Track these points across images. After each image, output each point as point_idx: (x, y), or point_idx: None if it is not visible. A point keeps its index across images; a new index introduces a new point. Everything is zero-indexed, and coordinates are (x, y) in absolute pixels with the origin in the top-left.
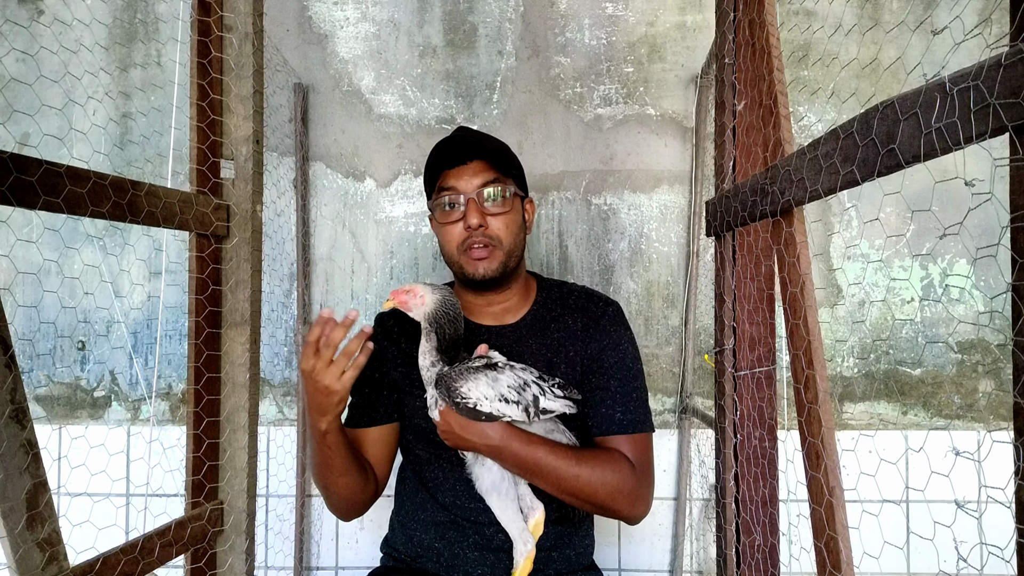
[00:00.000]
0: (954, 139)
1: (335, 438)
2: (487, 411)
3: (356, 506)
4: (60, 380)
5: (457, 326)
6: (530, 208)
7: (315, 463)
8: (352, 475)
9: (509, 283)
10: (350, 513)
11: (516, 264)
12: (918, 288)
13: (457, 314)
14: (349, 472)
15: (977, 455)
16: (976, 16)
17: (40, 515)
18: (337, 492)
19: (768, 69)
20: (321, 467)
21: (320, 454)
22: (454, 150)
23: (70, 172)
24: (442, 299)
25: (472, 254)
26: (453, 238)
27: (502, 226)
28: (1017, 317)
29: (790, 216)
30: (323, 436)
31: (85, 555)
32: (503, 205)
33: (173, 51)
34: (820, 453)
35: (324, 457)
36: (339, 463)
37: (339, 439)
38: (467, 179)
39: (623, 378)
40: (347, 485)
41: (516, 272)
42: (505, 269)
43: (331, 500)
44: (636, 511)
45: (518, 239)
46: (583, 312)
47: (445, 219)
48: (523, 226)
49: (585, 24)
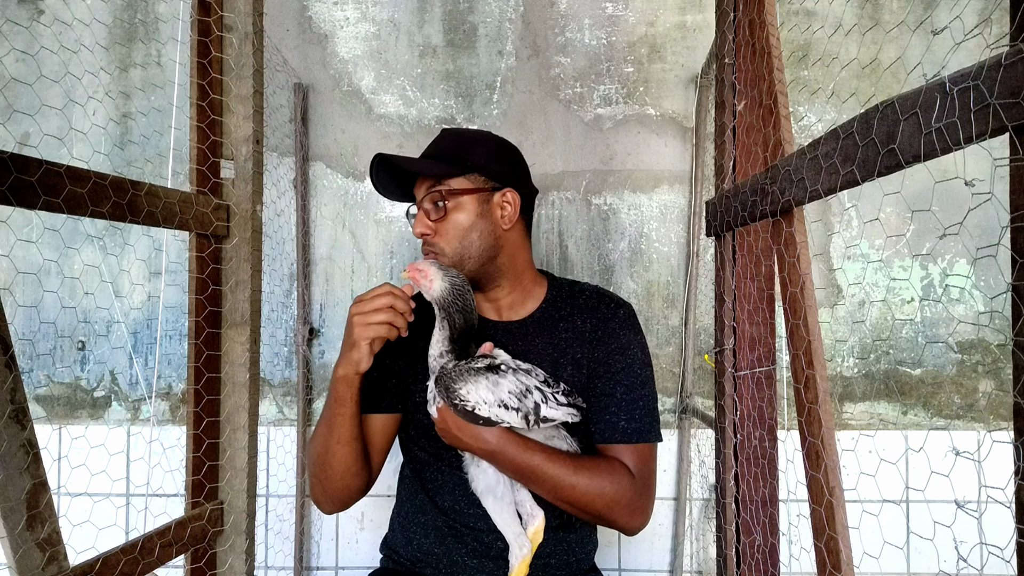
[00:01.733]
0: (954, 139)
1: (347, 390)
2: (485, 415)
3: (346, 492)
4: (60, 380)
5: (468, 315)
6: (511, 199)
7: (319, 429)
8: (353, 447)
9: (494, 281)
10: (336, 500)
11: (481, 264)
12: (918, 288)
13: (466, 302)
14: (351, 443)
15: (977, 455)
16: (976, 16)
17: (40, 515)
18: (333, 466)
19: (768, 69)
20: (325, 432)
21: (329, 412)
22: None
23: (70, 172)
24: (451, 285)
25: None
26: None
27: (441, 233)
28: (1017, 317)
29: (790, 216)
30: (337, 384)
31: (85, 555)
32: (440, 209)
33: (173, 51)
34: (820, 453)
35: (332, 416)
36: (345, 427)
37: (353, 394)
38: (418, 191)
39: (630, 384)
40: (345, 457)
41: (494, 269)
42: (466, 268)
43: (324, 478)
44: (633, 523)
45: (467, 240)
46: (593, 313)
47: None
48: (479, 223)
49: (585, 24)
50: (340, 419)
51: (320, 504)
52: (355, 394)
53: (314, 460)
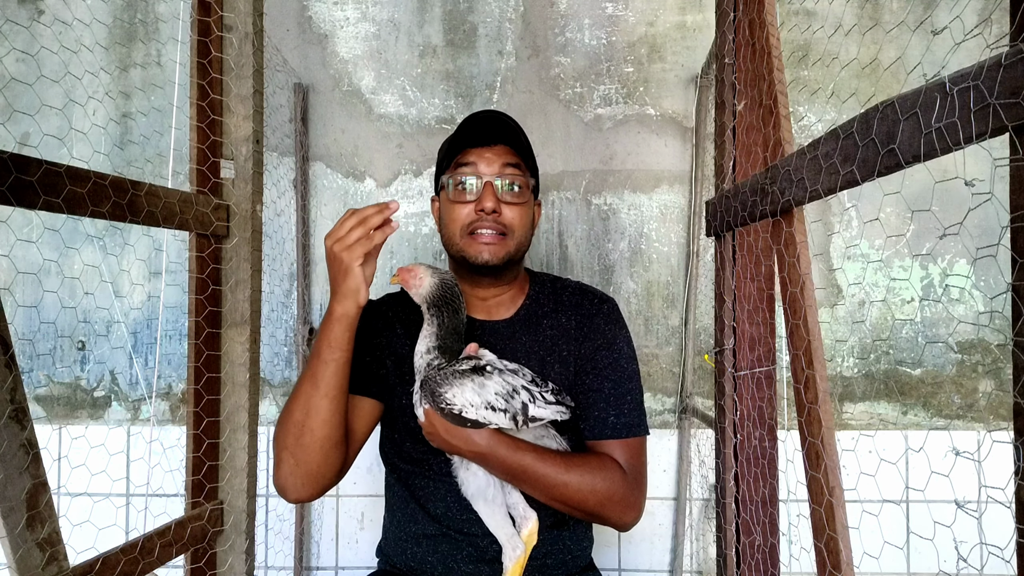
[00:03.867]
0: (954, 139)
1: (344, 331)
2: (472, 418)
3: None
4: (60, 380)
5: (456, 314)
6: (537, 210)
7: (300, 388)
8: (339, 403)
9: (509, 278)
10: (312, 476)
11: (520, 258)
12: (918, 288)
13: (456, 300)
14: (338, 398)
15: (977, 455)
16: (976, 16)
17: (40, 515)
18: (314, 430)
19: (768, 69)
20: (309, 388)
21: (316, 362)
22: (484, 127)
23: (70, 172)
24: (440, 282)
25: (479, 238)
26: (460, 218)
27: (516, 216)
28: (1017, 317)
29: (790, 216)
30: (333, 325)
31: (85, 555)
32: (520, 195)
33: (173, 51)
34: (820, 453)
35: (320, 365)
36: (336, 375)
37: (350, 336)
38: (489, 160)
39: (617, 380)
40: (331, 417)
41: (517, 267)
42: (510, 260)
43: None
44: (626, 518)
45: (527, 233)
46: (577, 309)
47: (458, 197)
48: (532, 223)
49: (585, 24)
50: (332, 367)
51: (288, 485)
52: (352, 336)
53: (289, 428)
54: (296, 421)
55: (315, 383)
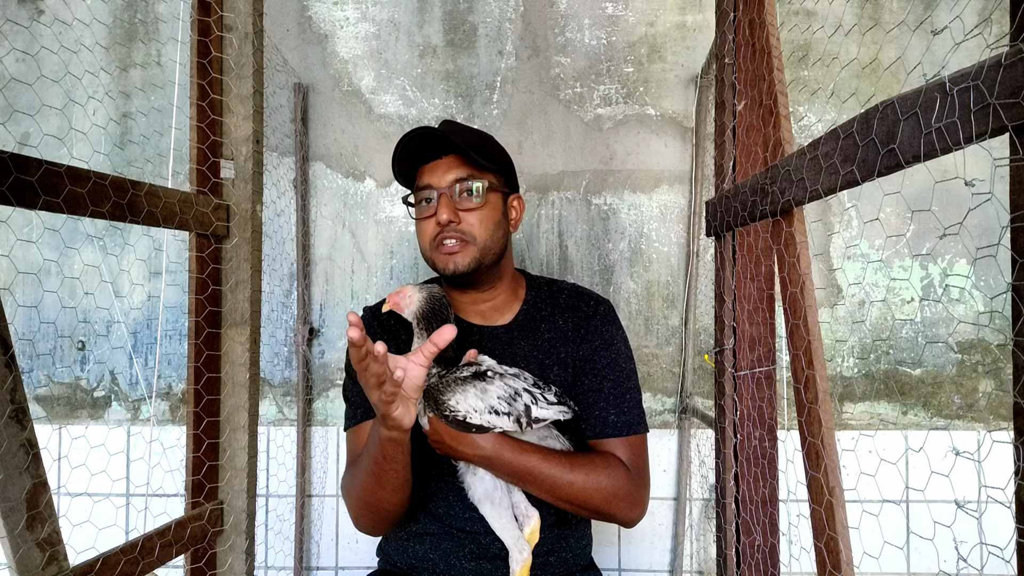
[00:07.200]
0: (954, 139)
1: (396, 449)
2: (477, 423)
3: (399, 516)
4: (60, 380)
5: (446, 324)
6: (518, 205)
7: (364, 480)
8: (406, 490)
9: (492, 282)
10: (392, 526)
11: (495, 261)
12: (918, 288)
13: (443, 310)
14: (403, 487)
15: (977, 455)
16: (976, 16)
17: (40, 515)
18: (387, 509)
19: (768, 69)
20: (374, 485)
21: (375, 467)
22: (427, 144)
23: (70, 172)
24: (428, 296)
25: (442, 249)
26: (427, 233)
27: (475, 222)
28: (1017, 317)
29: (790, 216)
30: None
31: (85, 555)
32: (478, 199)
33: (173, 51)
34: (820, 453)
35: (380, 471)
36: (398, 477)
37: (405, 448)
38: (440, 174)
39: (616, 379)
40: (400, 501)
41: (498, 271)
42: (479, 265)
43: (374, 516)
44: (632, 515)
45: (495, 236)
46: (573, 312)
47: (420, 214)
48: (503, 222)
49: (585, 24)
50: (392, 473)
51: (369, 532)
52: (407, 448)
53: (359, 505)
54: (367, 505)
55: (380, 483)
